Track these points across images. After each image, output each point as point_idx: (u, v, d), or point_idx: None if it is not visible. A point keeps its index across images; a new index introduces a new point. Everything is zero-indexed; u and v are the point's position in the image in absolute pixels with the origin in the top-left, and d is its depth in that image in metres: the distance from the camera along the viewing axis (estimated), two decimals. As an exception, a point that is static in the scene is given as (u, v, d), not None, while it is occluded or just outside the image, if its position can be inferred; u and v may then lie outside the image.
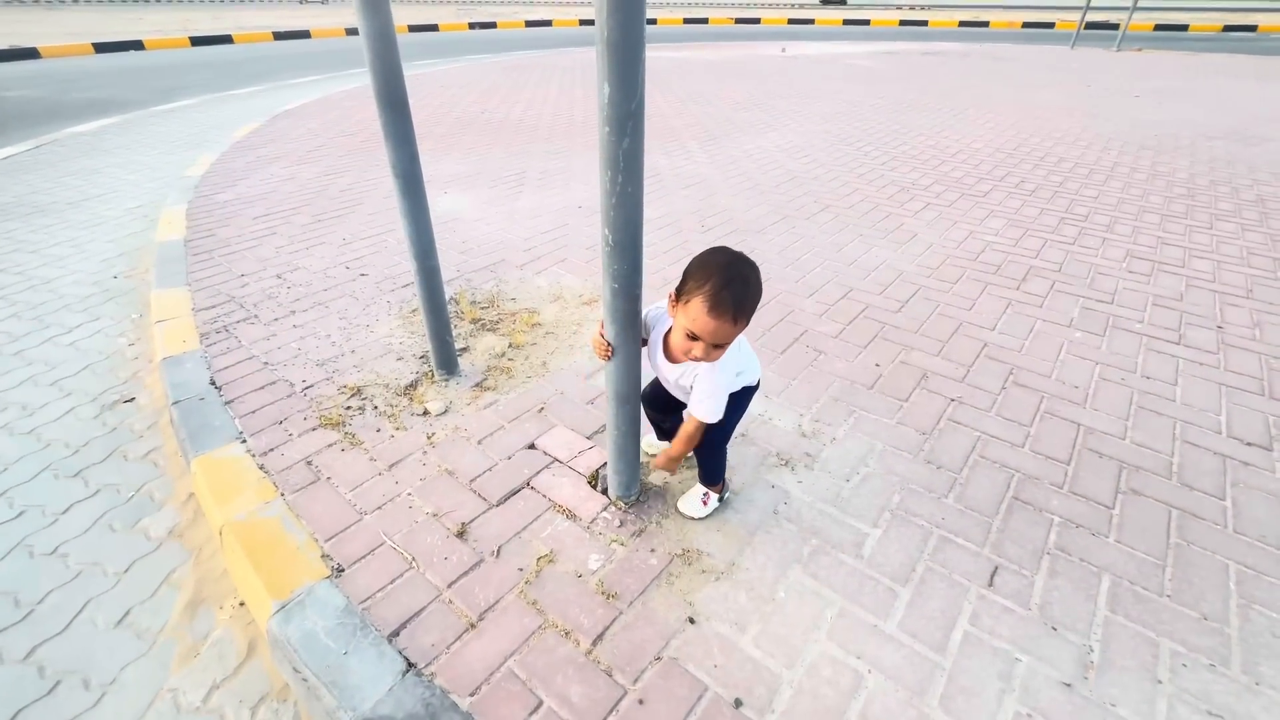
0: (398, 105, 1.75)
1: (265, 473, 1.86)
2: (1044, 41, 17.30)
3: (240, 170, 4.90)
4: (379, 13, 1.61)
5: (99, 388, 2.49)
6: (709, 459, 1.66)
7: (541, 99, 8.07)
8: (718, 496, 1.72)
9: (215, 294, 2.94)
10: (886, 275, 3.13)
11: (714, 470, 1.68)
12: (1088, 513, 1.73)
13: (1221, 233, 3.70)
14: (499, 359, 2.43)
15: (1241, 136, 6.09)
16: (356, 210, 4.04)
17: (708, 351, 1.30)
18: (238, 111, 7.54)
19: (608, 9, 1.05)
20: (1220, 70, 11.16)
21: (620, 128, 1.15)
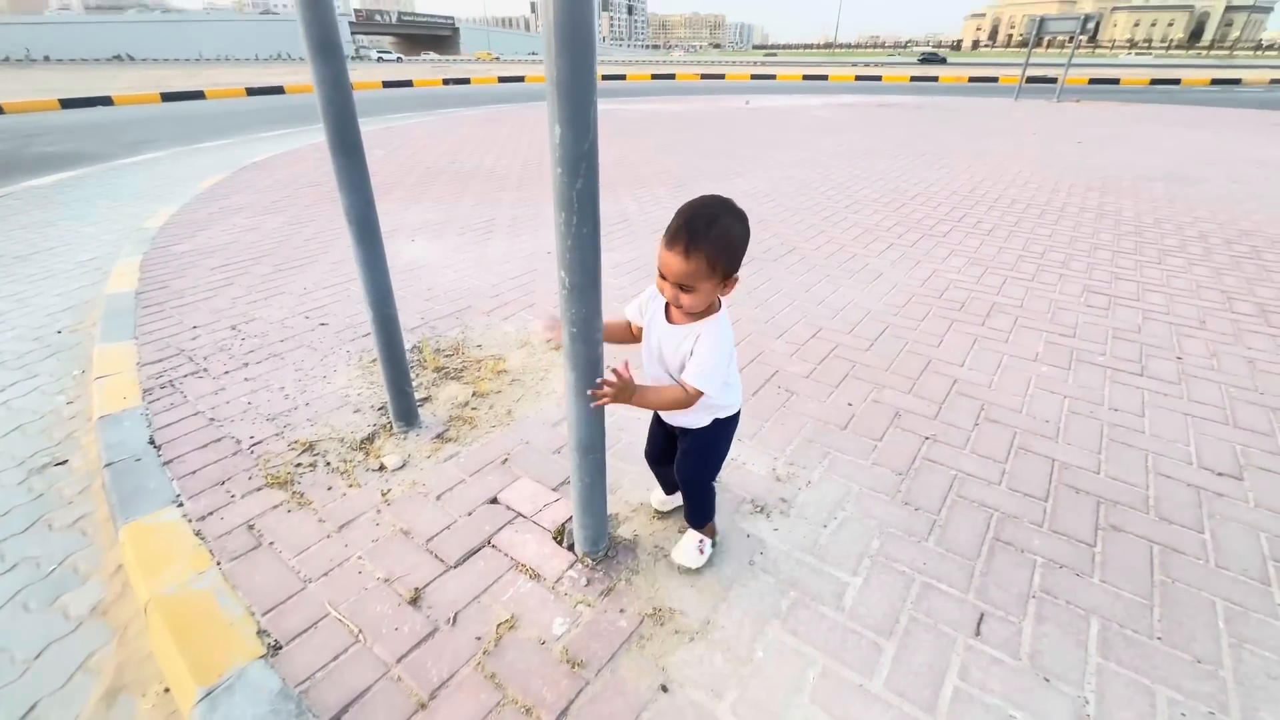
0: (351, 151, 1.72)
1: (201, 539, 1.71)
2: (989, 94, 18.42)
3: (201, 221, 4.81)
4: (331, 59, 1.59)
5: (28, 450, 2.31)
6: (698, 493, 1.59)
7: (513, 149, 8.21)
8: (711, 541, 1.65)
9: (164, 347, 2.81)
10: (854, 314, 3.15)
11: (703, 508, 1.61)
12: (1070, 552, 1.68)
13: (1171, 267, 3.84)
14: (462, 408, 2.34)
15: (1178, 178, 6.45)
16: (320, 259, 3.97)
17: (676, 295, 1.24)
18: (205, 164, 7.49)
19: (556, 49, 1.03)
20: (1152, 119, 11.96)
21: (574, 169, 1.12)
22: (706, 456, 1.54)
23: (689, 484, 1.58)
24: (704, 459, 1.54)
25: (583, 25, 1.02)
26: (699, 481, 1.57)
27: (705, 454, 1.54)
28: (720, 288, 1.25)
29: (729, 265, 1.21)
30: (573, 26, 1.01)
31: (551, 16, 1.00)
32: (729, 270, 1.22)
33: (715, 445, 1.53)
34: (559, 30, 1.01)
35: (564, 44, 1.02)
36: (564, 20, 1.00)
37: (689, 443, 1.52)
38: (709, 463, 1.56)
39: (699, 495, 1.60)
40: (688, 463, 1.54)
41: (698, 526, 1.64)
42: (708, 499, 1.62)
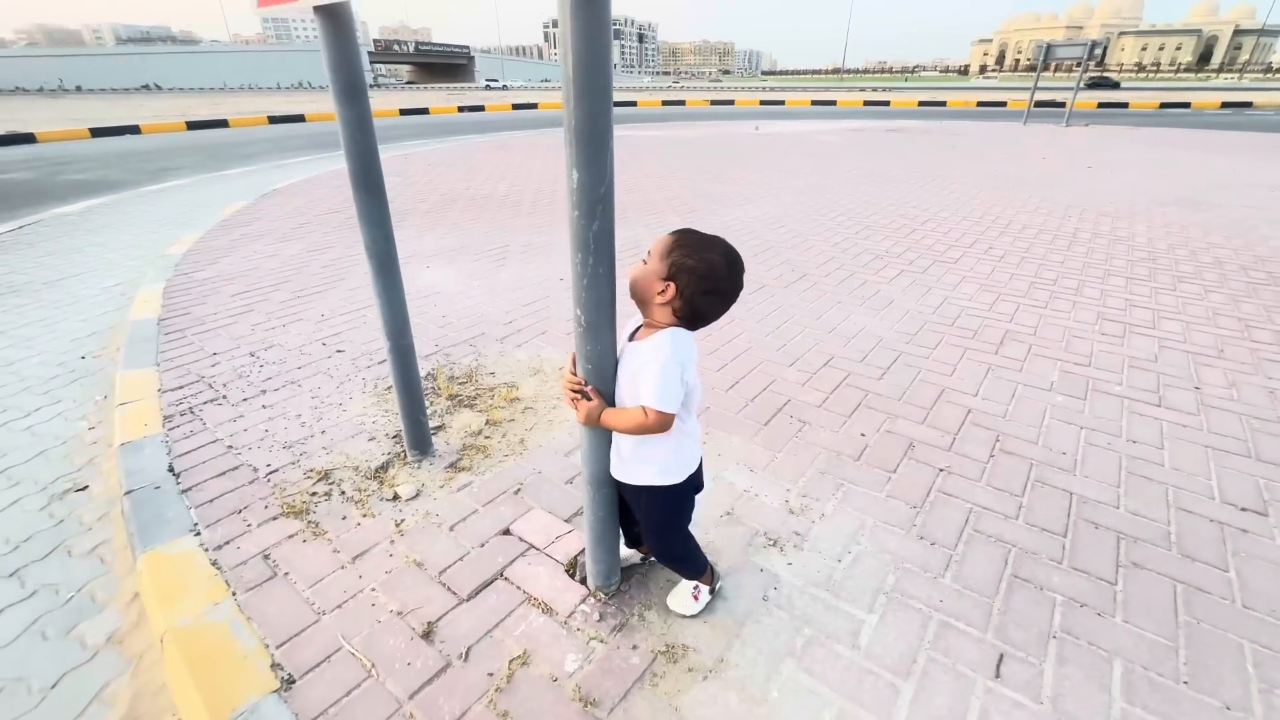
0: (373, 189, 1.77)
1: (218, 569, 1.72)
2: (997, 119, 18.54)
3: (223, 248, 4.92)
4: (356, 102, 1.65)
5: (50, 476, 2.35)
6: (678, 552, 1.53)
7: (525, 176, 8.36)
8: (708, 589, 1.60)
9: (184, 374, 2.86)
10: (866, 342, 3.15)
11: (692, 565, 1.56)
12: (1090, 590, 1.65)
13: (1186, 294, 3.81)
14: (475, 437, 2.35)
15: (1192, 203, 6.43)
16: (337, 286, 4.04)
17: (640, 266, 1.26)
18: (226, 191, 7.70)
19: (574, 99, 1.06)
20: (1162, 142, 11.97)
21: (590, 211, 1.15)
22: (662, 533, 1.48)
23: (660, 557, 1.57)
24: (661, 534, 1.49)
25: (599, 75, 1.06)
26: (666, 555, 1.55)
27: (660, 531, 1.48)
28: (660, 283, 1.20)
29: (680, 263, 1.18)
30: (589, 77, 1.05)
31: (570, 67, 1.04)
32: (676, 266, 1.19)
33: (664, 522, 1.47)
34: (576, 80, 1.05)
35: (581, 93, 1.06)
36: (581, 71, 1.04)
37: (642, 517, 1.48)
38: (667, 538, 1.49)
39: (674, 564, 1.57)
40: (649, 539, 1.51)
41: (692, 580, 1.58)
42: (686, 562, 1.55)
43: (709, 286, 1.20)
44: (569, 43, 1.03)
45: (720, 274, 1.20)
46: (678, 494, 1.41)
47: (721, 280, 1.21)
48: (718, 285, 1.21)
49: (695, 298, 1.20)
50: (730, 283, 1.22)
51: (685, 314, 1.23)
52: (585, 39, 1.02)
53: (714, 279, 1.20)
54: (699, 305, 1.22)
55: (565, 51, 1.04)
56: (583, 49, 1.03)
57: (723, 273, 1.21)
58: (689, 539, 1.55)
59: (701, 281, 1.19)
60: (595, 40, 1.03)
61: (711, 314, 1.24)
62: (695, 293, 1.20)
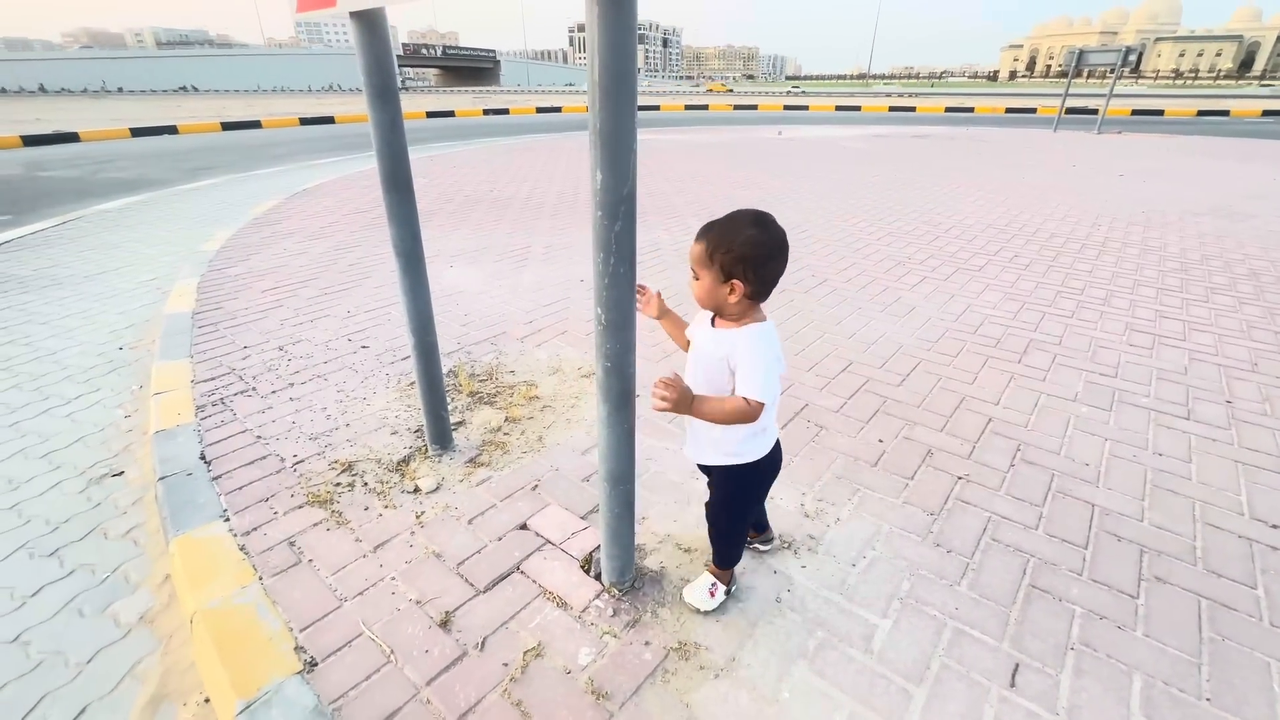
0: (402, 189, 1.82)
1: (245, 554, 1.78)
2: (1027, 125, 18.23)
3: (255, 245, 5.07)
4: (388, 104, 1.70)
5: (89, 461, 2.44)
6: (717, 539, 1.58)
7: (548, 179, 8.45)
8: (725, 589, 1.62)
9: (216, 366, 2.96)
10: (886, 349, 3.13)
11: (729, 551, 1.59)
12: (1111, 603, 1.62)
13: (1219, 306, 3.71)
14: (495, 433, 2.39)
15: (1228, 213, 6.26)
16: (363, 284, 4.13)
17: (691, 281, 1.29)
18: (259, 190, 7.91)
19: (599, 102, 1.09)
20: (1198, 151, 11.66)
21: (613, 212, 1.18)
22: (727, 506, 1.53)
23: (711, 528, 1.59)
24: (724, 508, 1.53)
25: (624, 79, 1.08)
26: (719, 530, 1.57)
27: (725, 504, 1.52)
28: (723, 287, 1.24)
29: (725, 261, 1.22)
30: (615, 80, 1.08)
31: (596, 71, 1.07)
32: (725, 266, 1.22)
33: (733, 496, 1.50)
34: (602, 83, 1.08)
35: (606, 96, 1.09)
36: (606, 74, 1.07)
37: (712, 490, 1.54)
38: (729, 513, 1.53)
39: (718, 541, 1.59)
40: (711, 510, 1.56)
41: (717, 568, 1.62)
42: (729, 546, 1.59)
43: (762, 256, 1.23)
44: (595, 47, 1.06)
45: (763, 240, 1.23)
46: (756, 470, 1.44)
47: (768, 244, 1.23)
48: (768, 251, 1.23)
49: (759, 275, 1.24)
50: (775, 240, 1.24)
51: (759, 291, 1.26)
52: (611, 43, 1.05)
53: (762, 248, 1.23)
54: (765, 277, 1.25)
55: (591, 55, 1.07)
56: (608, 53, 1.05)
57: (764, 237, 1.23)
58: (746, 526, 1.58)
59: (754, 259, 1.23)
60: (620, 44, 1.06)
61: (776, 278, 1.28)
62: (756, 272, 1.23)
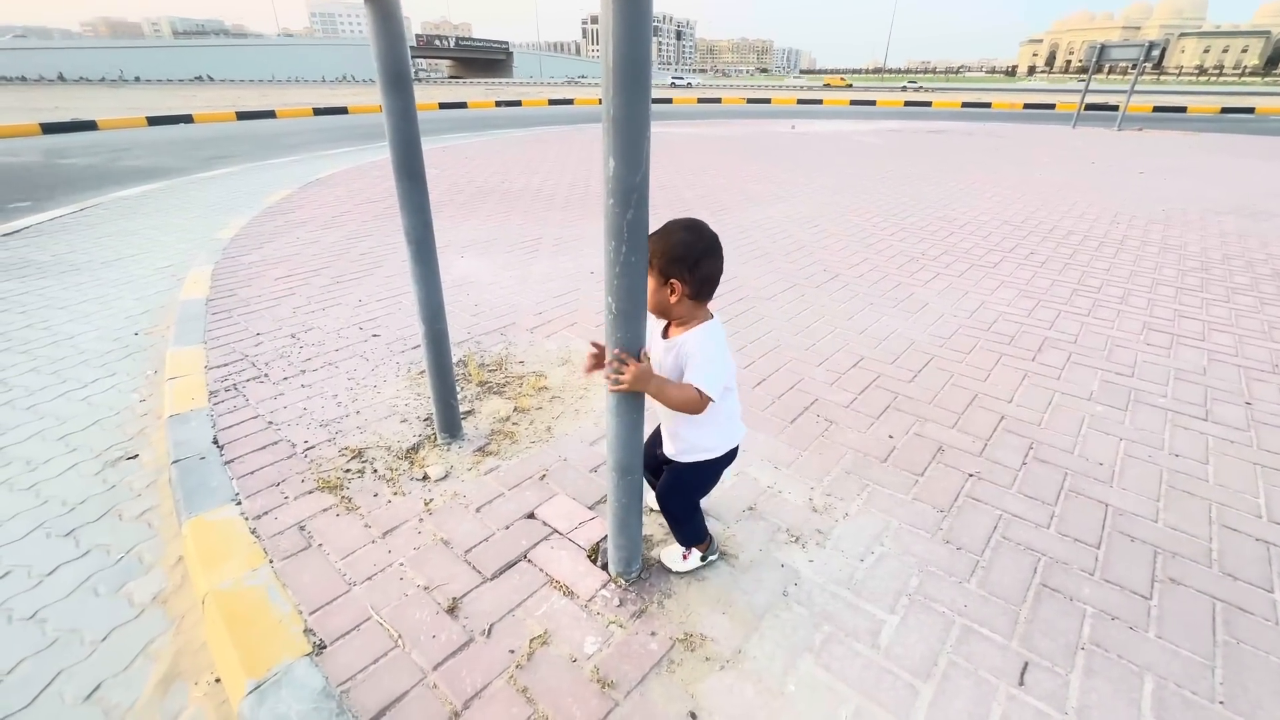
0: (414, 177, 1.82)
1: (256, 538, 1.80)
2: (1045, 122, 17.95)
3: (268, 234, 5.10)
4: (402, 93, 1.70)
5: (105, 444, 2.48)
6: (683, 516, 1.62)
7: (559, 170, 8.44)
8: (700, 554, 1.68)
9: (229, 352, 2.98)
10: (898, 344, 3.10)
11: (691, 531, 1.65)
12: (1123, 603, 1.61)
13: (1240, 307, 3.65)
14: (503, 423, 2.40)
15: (1250, 212, 6.14)
16: (374, 273, 4.15)
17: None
18: (272, 179, 7.95)
19: (614, 90, 1.08)
20: (1221, 149, 11.43)
21: (625, 200, 1.17)
22: (683, 493, 1.59)
23: (666, 513, 1.63)
24: (680, 494, 1.59)
25: (639, 66, 1.07)
26: (674, 515, 1.62)
27: (682, 490, 1.59)
28: (664, 289, 1.33)
29: (662, 265, 1.31)
30: (629, 67, 1.07)
31: (610, 58, 1.06)
32: (663, 269, 1.31)
33: (692, 484, 1.57)
34: (616, 70, 1.07)
35: (621, 83, 1.08)
36: (621, 61, 1.06)
37: (669, 475, 1.57)
38: (686, 499, 1.60)
39: (675, 524, 1.64)
40: (666, 496, 1.60)
41: (684, 546, 1.68)
42: (689, 526, 1.64)
43: (694, 256, 1.31)
44: (610, 35, 1.05)
45: (692, 241, 1.32)
46: (713, 465, 1.52)
47: (698, 244, 1.32)
48: (700, 250, 1.32)
49: (694, 275, 1.32)
50: (706, 240, 1.33)
51: (699, 291, 1.34)
52: (626, 31, 1.04)
53: (693, 248, 1.32)
54: (702, 276, 1.33)
55: (606, 43, 1.06)
56: (623, 41, 1.04)
57: (693, 238, 1.32)
58: (697, 509, 1.63)
59: (687, 259, 1.31)
60: (636, 32, 1.04)
61: (713, 276, 1.35)
62: (691, 272, 1.32)
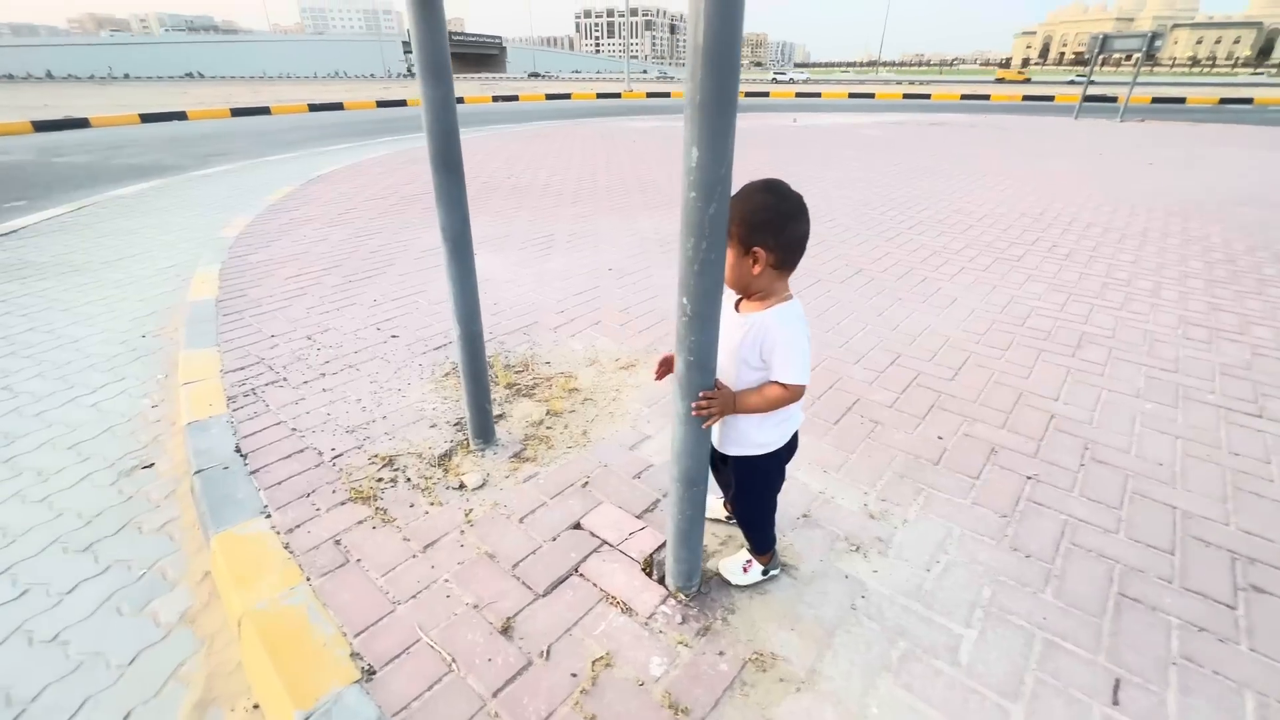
0: (453, 169, 1.72)
1: (291, 553, 1.71)
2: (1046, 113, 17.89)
3: (273, 232, 4.98)
4: (441, 82, 1.60)
5: (118, 452, 2.38)
6: (758, 520, 1.57)
7: (565, 165, 8.32)
8: (761, 568, 1.61)
9: (244, 355, 2.88)
10: (933, 341, 3.02)
11: (763, 537, 1.59)
12: (1208, 614, 1.53)
13: (1274, 298, 3.58)
14: (537, 427, 2.31)
15: (1268, 202, 6.08)
16: (387, 271, 4.04)
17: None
18: (273, 176, 7.81)
19: (702, 70, 0.99)
20: (1226, 139, 11.39)
21: (708, 193, 1.08)
22: (753, 497, 1.54)
23: (740, 520, 1.61)
24: (751, 499, 1.54)
25: (729, 45, 0.98)
26: (749, 521, 1.58)
27: (752, 494, 1.53)
28: (745, 260, 1.22)
29: (743, 232, 1.20)
30: (719, 47, 0.97)
31: (701, 37, 0.97)
32: (743, 237, 1.20)
33: (756, 486, 1.51)
34: (706, 49, 0.97)
35: (711, 64, 0.98)
36: (712, 40, 0.97)
37: (735, 481, 1.52)
38: (756, 504, 1.55)
39: (750, 530, 1.60)
40: (739, 504, 1.57)
41: (754, 554, 1.62)
42: (763, 531, 1.58)
43: (780, 220, 1.20)
44: (700, 11, 0.95)
45: (775, 204, 1.20)
46: (776, 458, 1.43)
47: (782, 206, 1.20)
48: (785, 212, 1.20)
49: (780, 241, 1.21)
50: (791, 202, 1.21)
51: (785, 259, 1.24)
52: (718, 7, 0.94)
53: (776, 210, 1.20)
54: (787, 243, 1.22)
55: (695, 21, 0.96)
56: (715, 18, 0.95)
57: (775, 200, 1.20)
58: (771, 512, 1.58)
59: (772, 224, 1.20)
60: (728, 9, 0.95)
61: (801, 241, 1.24)
62: (776, 238, 1.20)
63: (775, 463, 1.44)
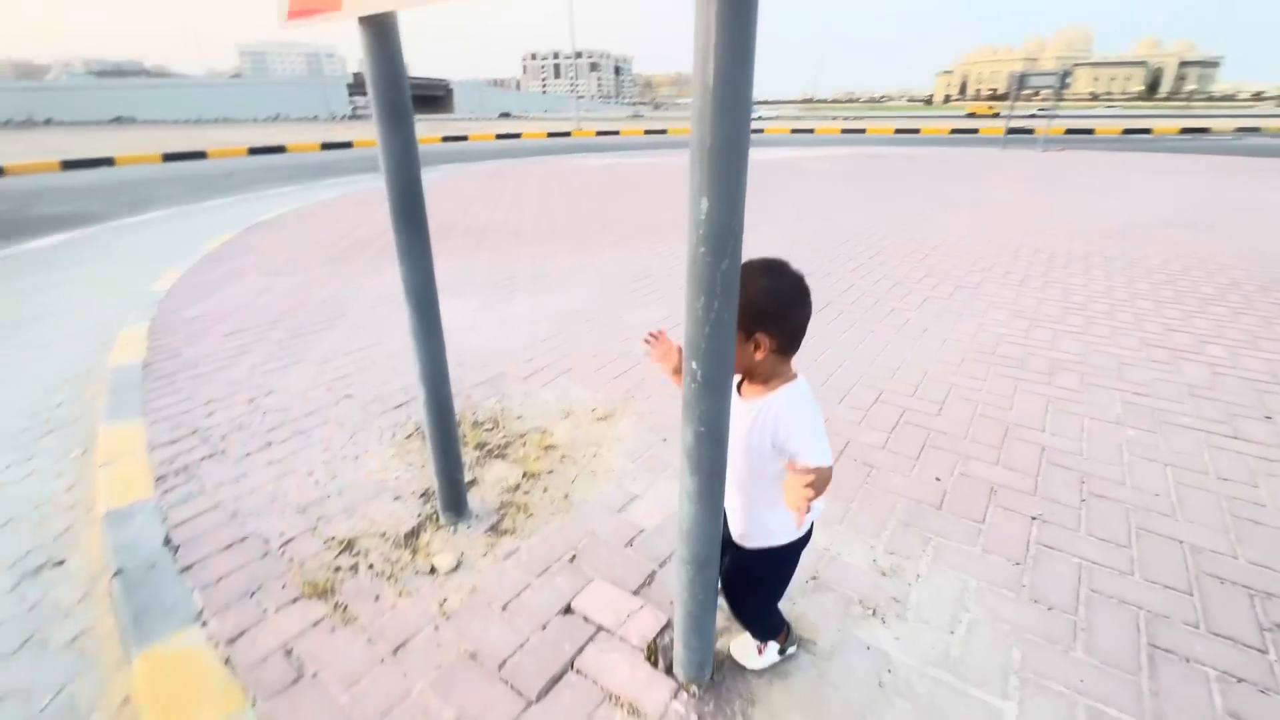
0: (415, 221, 1.56)
1: (232, 669, 1.45)
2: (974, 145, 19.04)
3: (211, 284, 4.64)
4: (401, 125, 1.45)
5: (22, 548, 2.04)
6: (764, 612, 1.40)
7: (521, 204, 8.21)
8: (779, 647, 1.45)
9: (176, 426, 2.58)
10: (912, 375, 2.99)
11: (769, 626, 1.43)
12: (1242, 661, 1.46)
13: (1218, 317, 3.74)
14: (513, 492, 2.11)
15: (1190, 224, 6.50)
16: (338, 323, 3.79)
17: None
18: (210, 223, 7.39)
19: (713, 114, 0.88)
20: (1138, 166, 12.31)
21: (719, 247, 0.96)
22: (757, 589, 1.37)
23: (743, 613, 1.42)
24: (762, 593, 1.38)
25: (741, 85, 0.88)
26: (754, 614, 1.41)
27: (754, 584, 1.37)
28: (747, 346, 1.12)
29: (743, 319, 1.08)
30: (732, 85, 0.87)
31: (711, 76, 0.86)
32: (745, 324, 1.08)
33: (764, 578, 1.36)
34: (716, 91, 0.87)
35: (722, 108, 0.88)
36: (722, 80, 0.86)
37: (735, 567, 1.34)
38: (767, 598, 1.38)
39: (752, 622, 1.42)
40: (737, 591, 1.39)
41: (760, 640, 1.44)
42: (764, 621, 1.42)
43: (782, 305, 1.11)
44: (711, 44, 0.85)
45: (778, 287, 1.12)
46: (789, 551, 1.29)
47: (784, 290, 1.12)
48: (786, 298, 1.12)
49: (782, 327, 1.12)
50: (791, 285, 1.12)
51: (787, 344, 1.14)
52: (729, 42, 0.84)
53: (779, 295, 1.12)
54: (790, 328, 1.13)
55: (704, 56, 0.86)
56: (726, 52, 0.85)
57: (778, 284, 1.12)
58: (775, 604, 1.41)
59: (774, 311, 1.11)
60: (741, 44, 0.85)
61: (803, 326, 1.15)
62: (779, 324, 1.12)
63: (794, 553, 1.30)
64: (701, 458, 1.12)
